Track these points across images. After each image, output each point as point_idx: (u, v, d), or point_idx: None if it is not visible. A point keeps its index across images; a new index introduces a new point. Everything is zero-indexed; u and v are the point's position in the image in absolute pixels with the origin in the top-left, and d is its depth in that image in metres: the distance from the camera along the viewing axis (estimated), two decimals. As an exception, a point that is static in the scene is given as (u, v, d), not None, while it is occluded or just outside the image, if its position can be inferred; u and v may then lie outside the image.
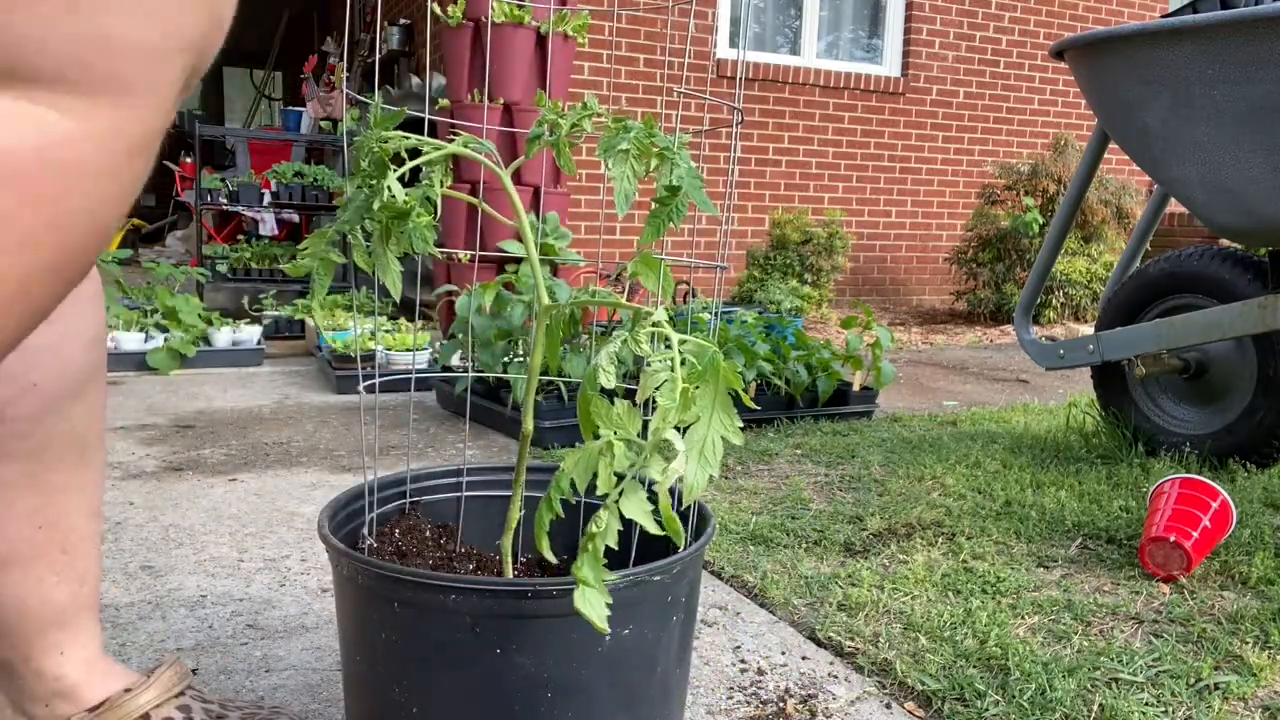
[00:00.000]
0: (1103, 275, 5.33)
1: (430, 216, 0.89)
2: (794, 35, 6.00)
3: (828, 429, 2.75)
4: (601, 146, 0.86)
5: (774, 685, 1.24)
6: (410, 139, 0.88)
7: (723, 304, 4.50)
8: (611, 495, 0.78)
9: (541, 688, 0.84)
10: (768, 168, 5.79)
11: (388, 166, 0.86)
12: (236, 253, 5.31)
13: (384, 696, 0.88)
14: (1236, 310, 2.09)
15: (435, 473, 1.14)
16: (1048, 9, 6.39)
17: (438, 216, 0.92)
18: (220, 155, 8.44)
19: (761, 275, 5.09)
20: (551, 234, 3.32)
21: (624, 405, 0.83)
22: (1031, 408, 3.16)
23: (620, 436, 0.81)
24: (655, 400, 0.77)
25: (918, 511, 1.95)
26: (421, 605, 0.84)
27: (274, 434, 2.53)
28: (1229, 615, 1.48)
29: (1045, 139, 6.44)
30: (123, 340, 3.37)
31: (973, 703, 1.18)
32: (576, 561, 0.76)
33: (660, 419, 0.76)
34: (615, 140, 0.85)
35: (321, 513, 0.97)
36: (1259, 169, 1.87)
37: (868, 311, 2.89)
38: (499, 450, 2.43)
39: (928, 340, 5.04)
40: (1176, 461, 2.34)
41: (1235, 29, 1.80)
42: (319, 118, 6.67)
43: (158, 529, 1.76)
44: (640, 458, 0.78)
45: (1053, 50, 2.25)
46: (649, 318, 0.82)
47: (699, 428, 0.78)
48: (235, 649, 1.29)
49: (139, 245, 8.25)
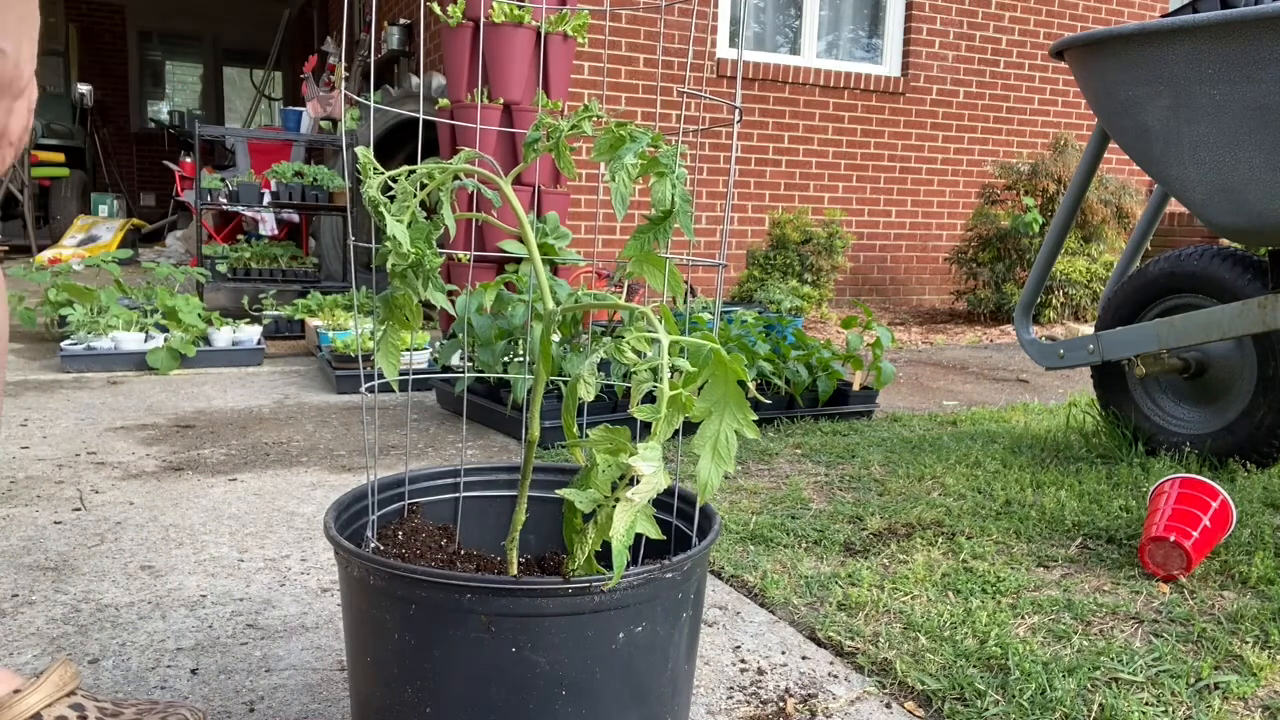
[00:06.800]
0: (1103, 275, 5.33)
1: (439, 261, 0.89)
2: (794, 35, 6.00)
3: (828, 429, 2.75)
4: (598, 147, 0.86)
5: (774, 685, 1.25)
6: (420, 168, 0.88)
7: (723, 303, 4.50)
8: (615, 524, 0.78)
9: (556, 685, 0.84)
10: (768, 167, 5.79)
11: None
12: (236, 253, 5.31)
13: (395, 696, 0.88)
14: (1236, 310, 2.09)
15: (434, 473, 1.14)
16: (1048, 9, 6.39)
17: (451, 239, 0.92)
18: (220, 155, 8.44)
19: (761, 275, 5.09)
20: (551, 234, 3.32)
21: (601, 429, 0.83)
22: (1031, 407, 3.16)
23: (604, 450, 0.81)
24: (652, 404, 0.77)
25: (918, 511, 1.95)
26: (436, 605, 0.84)
27: (274, 434, 2.53)
28: (1229, 615, 1.48)
29: (1045, 139, 6.44)
30: (123, 340, 3.37)
31: (973, 702, 1.18)
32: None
33: (653, 438, 0.76)
34: (619, 150, 0.84)
35: (326, 514, 0.97)
36: (1259, 168, 1.87)
37: (867, 311, 2.89)
38: (499, 450, 2.43)
39: (928, 340, 5.04)
40: (1176, 461, 2.34)
41: (1235, 29, 1.80)
42: (319, 118, 6.67)
43: (158, 529, 1.76)
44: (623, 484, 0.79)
45: (1053, 50, 2.25)
46: (641, 319, 0.82)
47: (711, 423, 0.78)
48: (235, 649, 1.29)
49: (139, 245, 8.25)
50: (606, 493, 0.83)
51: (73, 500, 1.91)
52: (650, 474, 0.76)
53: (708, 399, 0.79)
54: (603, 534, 0.82)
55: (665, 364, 0.78)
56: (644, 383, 0.77)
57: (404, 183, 0.87)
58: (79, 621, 1.36)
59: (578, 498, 0.83)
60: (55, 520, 1.79)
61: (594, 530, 0.85)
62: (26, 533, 1.72)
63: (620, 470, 0.82)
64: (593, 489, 0.83)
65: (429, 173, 0.89)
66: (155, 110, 12.11)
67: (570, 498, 0.84)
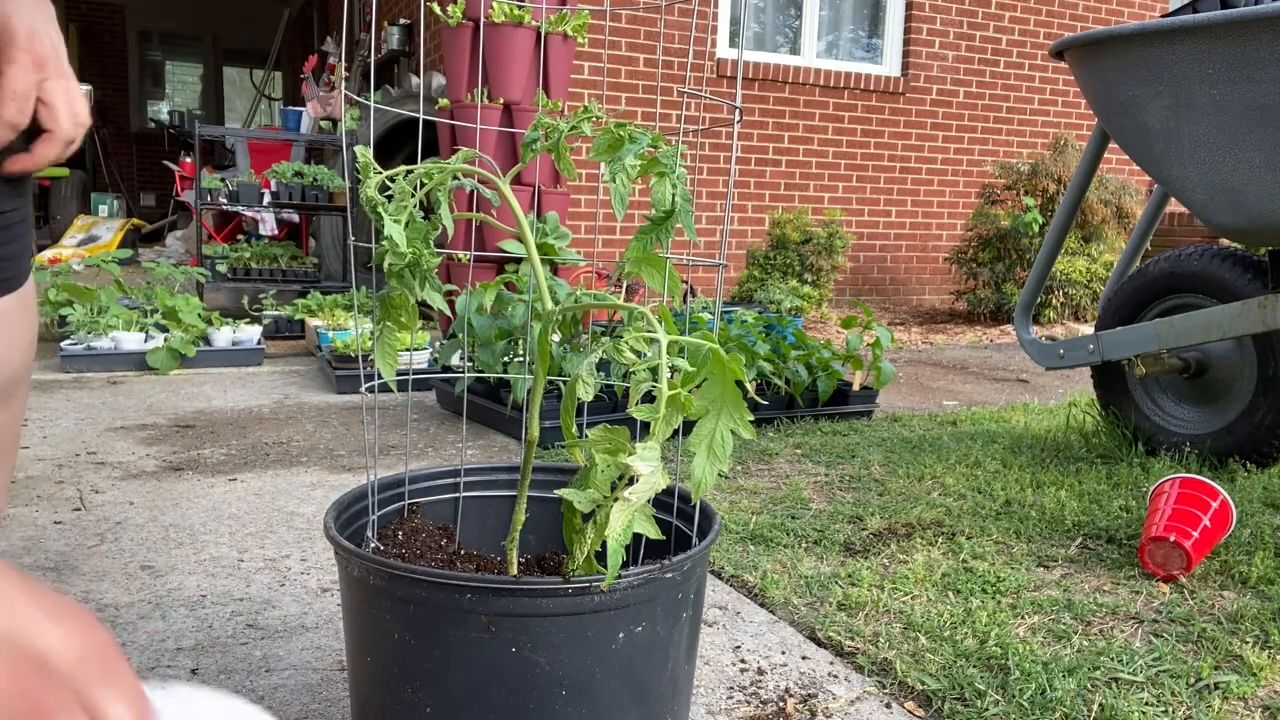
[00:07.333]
0: (1103, 275, 5.33)
1: (436, 261, 0.89)
2: (794, 35, 6.00)
3: (828, 429, 2.75)
4: (597, 148, 0.86)
5: (774, 685, 1.24)
6: (419, 168, 0.88)
7: (723, 303, 4.49)
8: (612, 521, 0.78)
9: (556, 685, 0.84)
10: (768, 167, 5.79)
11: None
12: (236, 253, 5.31)
13: (395, 696, 0.88)
14: (1236, 310, 2.09)
15: (434, 473, 1.14)
16: (1048, 9, 6.39)
17: (449, 239, 0.92)
18: (220, 155, 8.44)
19: (761, 275, 5.09)
20: (551, 234, 3.32)
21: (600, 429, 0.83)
22: (1031, 408, 3.16)
23: (602, 450, 0.81)
24: (651, 406, 0.77)
25: (918, 511, 1.95)
26: (436, 605, 0.84)
27: (274, 434, 2.53)
28: (1229, 615, 1.48)
29: (1045, 139, 6.44)
30: (123, 340, 3.37)
31: (973, 702, 1.18)
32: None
33: (651, 438, 0.76)
34: (619, 151, 0.84)
35: (327, 514, 0.97)
36: (1259, 168, 1.87)
37: (867, 311, 2.89)
38: (498, 450, 2.43)
39: (928, 340, 5.04)
40: (1176, 461, 2.34)
41: (1235, 29, 1.80)
42: (319, 117, 6.67)
43: (158, 529, 1.76)
44: (622, 484, 0.79)
45: (1053, 50, 2.25)
46: (640, 319, 0.82)
47: (707, 421, 0.78)
48: (235, 649, 1.29)
49: (139, 245, 8.25)
50: (606, 493, 0.83)
51: (73, 500, 1.91)
52: (648, 474, 0.76)
53: (705, 398, 0.79)
54: (602, 534, 0.82)
55: (664, 364, 0.78)
56: (643, 383, 0.77)
57: (401, 182, 0.87)
58: (79, 621, 1.36)
59: (577, 498, 0.83)
60: (55, 520, 1.79)
61: (593, 530, 0.85)
62: (26, 533, 1.72)
63: (619, 470, 0.82)
64: (592, 489, 0.83)
65: (427, 172, 0.89)
66: (155, 110, 12.11)
67: (569, 498, 0.84)
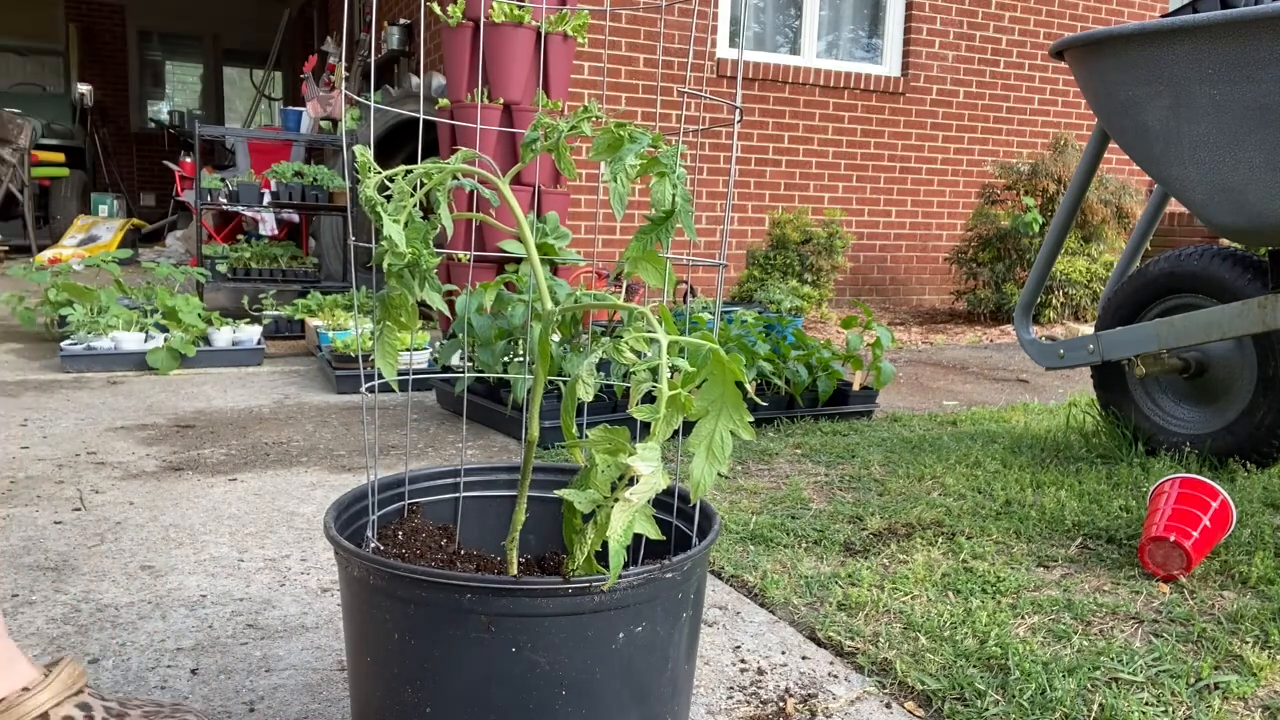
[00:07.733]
0: (1103, 275, 5.33)
1: (435, 261, 0.89)
2: (794, 35, 6.00)
3: (828, 429, 2.75)
4: (596, 148, 0.86)
5: (774, 685, 1.25)
6: (418, 168, 0.88)
7: (723, 303, 4.50)
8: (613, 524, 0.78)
9: (556, 685, 0.84)
10: (768, 167, 5.79)
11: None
12: (236, 253, 5.31)
13: (395, 697, 0.88)
14: (1236, 310, 2.09)
15: (434, 473, 1.14)
16: (1048, 9, 6.39)
17: (449, 239, 0.92)
18: (220, 155, 8.44)
19: (761, 275, 5.09)
20: (551, 234, 3.32)
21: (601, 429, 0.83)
22: (1031, 408, 3.16)
23: (603, 450, 0.81)
24: (649, 407, 0.77)
25: (918, 511, 1.95)
26: (436, 605, 0.84)
27: (274, 434, 2.53)
28: (1229, 615, 1.48)
29: (1045, 139, 6.44)
30: (123, 340, 3.37)
31: (973, 702, 1.18)
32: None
33: (652, 438, 0.76)
34: (619, 151, 0.84)
35: (327, 514, 0.97)
36: (1259, 168, 1.87)
37: (867, 311, 2.89)
38: (499, 450, 2.44)
39: (928, 340, 5.04)
40: (1176, 461, 2.34)
41: (1235, 29, 1.80)
42: (319, 118, 6.66)
43: (158, 529, 1.76)
44: (622, 484, 0.79)
45: (1052, 50, 2.25)
46: (640, 319, 0.82)
47: (707, 422, 0.78)
48: (235, 649, 1.29)
49: (139, 245, 8.25)
50: (606, 493, 0.83)
51: (73, 500, 1.91)
52: (649, 474, 0.76)
53: (705, 398, 0.79)
54: (602, 534, 0.82)
55: (664, 364, 0.78)
56: (643, 383, 0.77)
57: (401, 182, 0.87)
58: (79, 621, 1.36)
59: (577, 498, 0.83)
60: (55, 520, 1.79)
61: (593, 530, 0.85)
62: (26, 533, 1.72)
63: (619, 470, 0.82)
64: (592, 489, 0.83)
65: (426, 172, 0.89)
66: (155, 110, 12.11)
67: (569, 498, 0.84)
